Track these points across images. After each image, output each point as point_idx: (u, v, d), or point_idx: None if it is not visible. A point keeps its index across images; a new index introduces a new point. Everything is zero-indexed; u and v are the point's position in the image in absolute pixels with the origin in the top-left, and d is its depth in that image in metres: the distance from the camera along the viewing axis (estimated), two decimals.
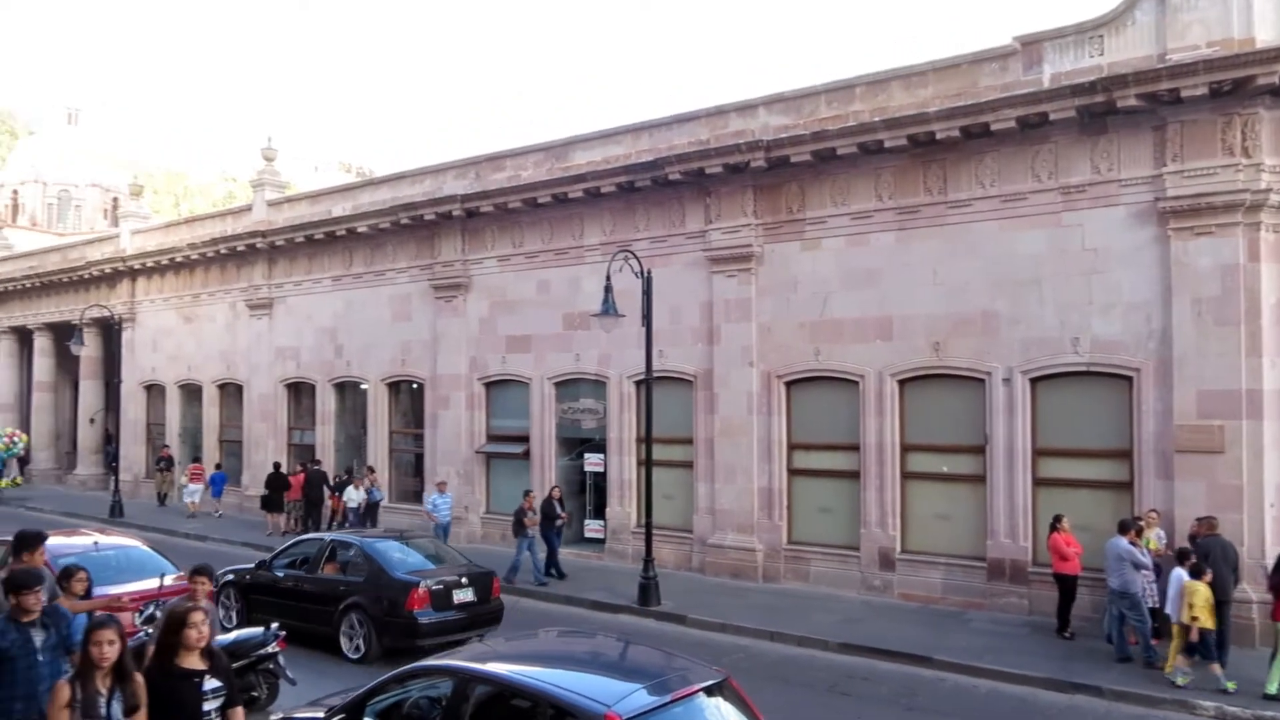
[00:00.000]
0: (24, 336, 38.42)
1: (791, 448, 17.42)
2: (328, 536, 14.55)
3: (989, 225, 15.14)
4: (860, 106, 16.12)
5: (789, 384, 17.34)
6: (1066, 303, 14.42)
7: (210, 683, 5.85)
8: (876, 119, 15.60)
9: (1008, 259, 14.93)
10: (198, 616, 5.79)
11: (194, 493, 27.03)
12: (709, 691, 6.08)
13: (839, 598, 15.97)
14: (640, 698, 5.70)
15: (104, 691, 5.35)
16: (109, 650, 5.35)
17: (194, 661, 5.77)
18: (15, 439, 33.50)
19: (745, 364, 17.61)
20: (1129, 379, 13.97)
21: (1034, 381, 14.80)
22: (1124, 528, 12.44)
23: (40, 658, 6.25)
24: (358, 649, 12.58)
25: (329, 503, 22.90)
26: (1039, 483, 14.78)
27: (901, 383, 16.06)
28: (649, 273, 15.94)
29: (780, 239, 17.36)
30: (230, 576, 14.23)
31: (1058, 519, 13.50)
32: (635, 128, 19.31)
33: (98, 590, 10.71)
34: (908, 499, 16.07)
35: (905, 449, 16.07)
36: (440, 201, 21.82)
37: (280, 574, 13.71)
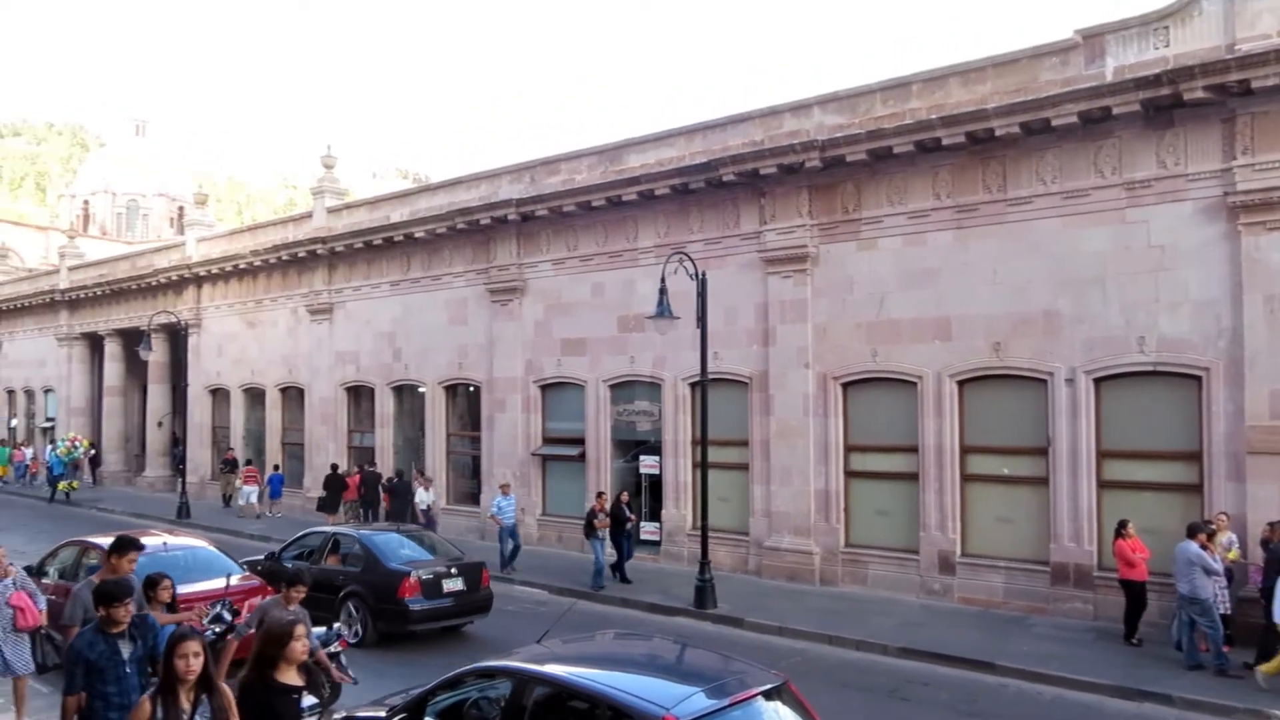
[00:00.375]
0: (95, 342, 39.55)
1: (848, 450, 17.26)
2: (331, 530, 15.76)
3: (1050, 223, 14.86)
4: (917, 104, 15.92)
5: (845, 385, 17.19)
6: (1131, 301, 14.08)
7: (307, 699, 5.80)
8: (934, 116, 15.40)
9: (1070, 257, 14.63)
10: (301, 630, 5.65)
11: (249, 494, 27.56)
12: (768, 695, 6.04)
13: (898, 601, 15.79)
14: (699, 701, 5.68)
15: (187, 707, 5.18)
16: (194, 663, 5.18)
17: (292, 676, 5.62)
18: (76, 444, 34.76)
19: (801, 365, 17.49)
20: (1198, 379, 13.60)
21: (1098, 382, 14.48)
22: (1193, 531, 12.10)
23: (128, 670, 6.17)
24: (356, 634, 13.32)
25: (383, 504, 23.26)
26: (1104, 485, 14.45)
27: (961, 384, 15.82)
28: (704, 274, 15.91)
29: (836, 239, 17.22)
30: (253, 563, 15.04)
31: (1123, 524, 13.17)
32: (689, 129, 19.30)
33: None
34: (968, 502, 15.82)
35: (965, 451, 15.83)
36: (495, 206, 22.02)
37: (288, 564, 14.09)
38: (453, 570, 13.92)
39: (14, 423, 44.18)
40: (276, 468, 28.94)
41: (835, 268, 17.21)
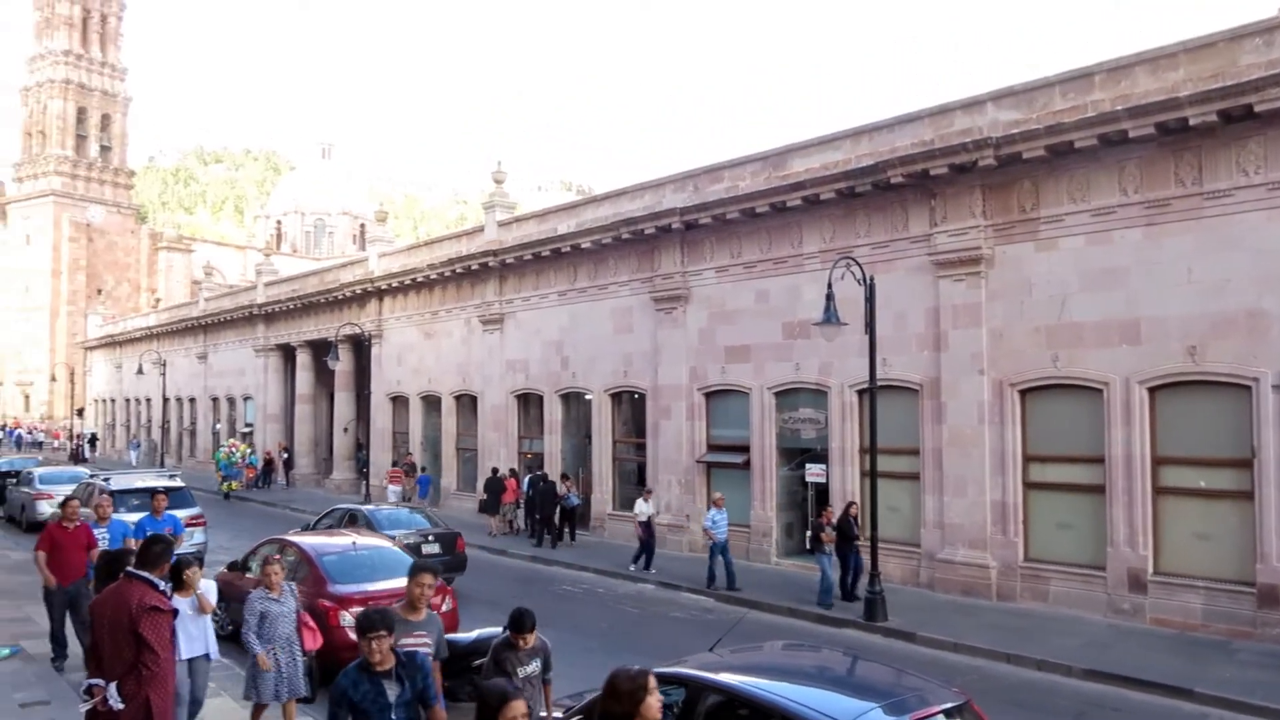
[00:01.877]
0: (288, 353, 42.32)
1: (1027, 459, 16.48)
2: (347, 506, 19.55)
3: (1254, 216, 13.77)
4: (1100, 95, 15.09)
5: (1023, 392, 16.44)
6: None
7: None
8: (1119, 108, 14.54)
9: (1277, 252, 13.51)
10: (653, 682, 4.66)
11: (394, 494, 29.13)
12: (949, 714, 5.82)
13: (1082, 620, 14.96)
14: (876, 716, 5.55)
15: None
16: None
17: None
18: (234, 450, 37.69)
19: (975, 371, 16.85)
20: None
21: None
22: None
23: (393, 716, 5.60)
24: None
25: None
26: None
27: (1151, 390, 14.86)
28: (871, 279, 15.57)
29: (1012, 240, 16.52)
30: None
31: None
32: (854, 132, 18.95)
33: (355, 588, 11.63)
34: (1160, 516, 14.83)
35: (1157, 462, 14.84)
36: (659, 215, 22.25)
37: None
38: (430, 537, 17.63)
39: (218, 427, 47.76)
40: (424, 469, 30.74)
41: (1011, 269, 16.50)
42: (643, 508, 20.34)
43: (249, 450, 39.99)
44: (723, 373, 21.61)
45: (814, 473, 19.79)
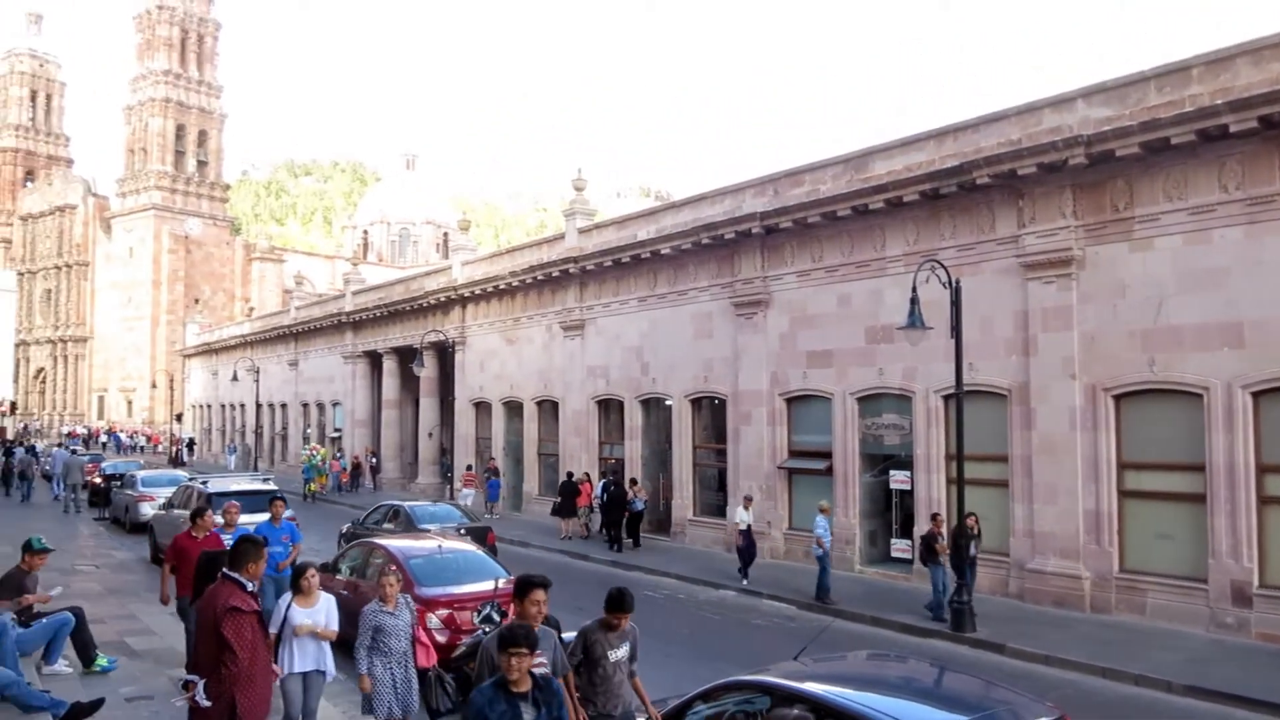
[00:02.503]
0: (374, 359, 43.28)
1: (1122, 467, 15.95)
2: (392, 503, 21.39)
3: None
4: (1198, 89, 14.54)
5: (1117, 398, 15.92)
6: None
7: None
8: (1219, 102, 14.00)
9: None
10: None
11: (467, 497, 29.86)
12: None
13: (1181, 634, 14.38)
14: None
15: None
16: None
17: None
18: (314, 453, 39.19)
19: (1066, 376, 16.38)
20: None
21: None
22: None
23: None
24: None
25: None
26: None
27: (1255, 395, 14.24)
28: (957, 282, 15.25)
29: (1104, 240, 16.02)
30: (344, 529, 21.76)
31: None
32: (938, 133, 18.62)
33: (441, 590, 11.81)
34: (1267, 527, 14.19)
35: (1261, 470, 14.22)
36: (740, 220, 22.16)
37: (364, 530, 19.67)
38: (461, 530, 18.57)
39: (308, 431, 49.10)
40: (496, 473, 31.34)
41: (1104, 271, 16.00)
42: (742, 515, 19.76)
43: (329, 453, 41.22)
44: (804, 378, 21.40)
45: (898, 480, 19.47)
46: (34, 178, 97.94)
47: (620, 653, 7.04)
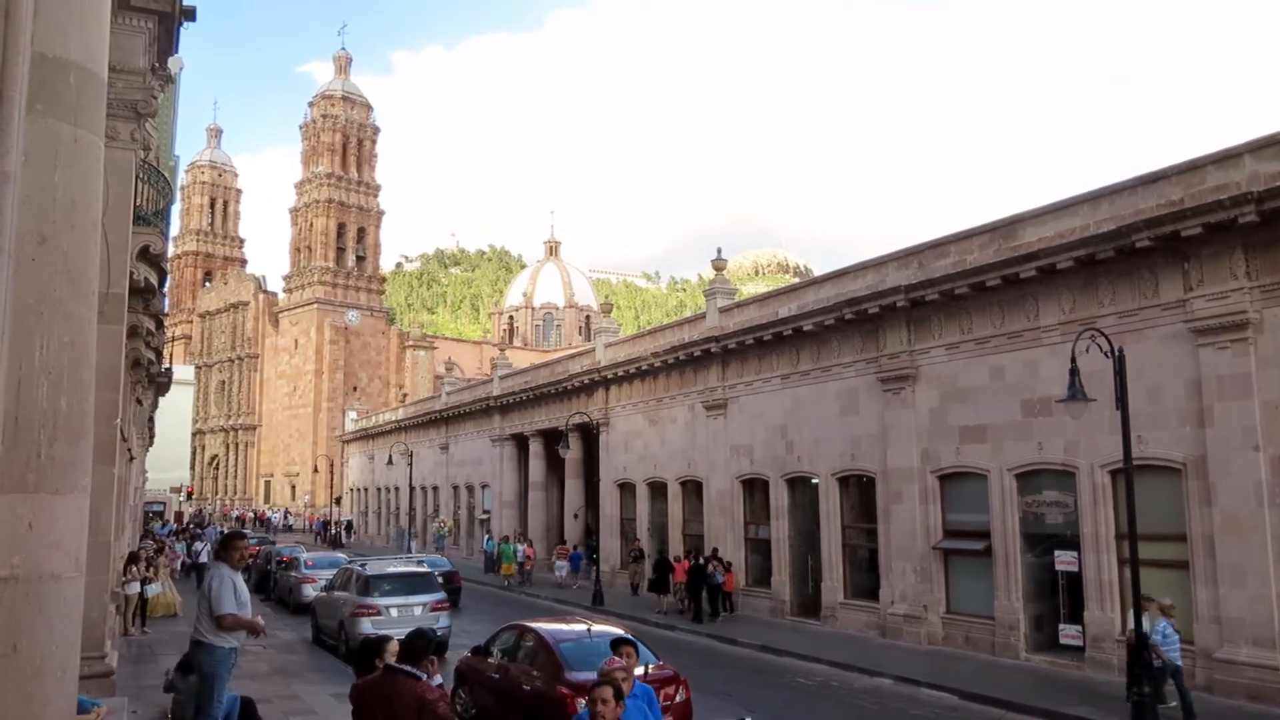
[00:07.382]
0: (521, 442, 44.19)
1: None
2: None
3: None
4: None
5: None
6: None
7: None
8: None
9: None
10: None
11: (562, 569, 33.35)
12: None
13: None
14: None
15: None
16: None
17: None
18: (442, 525, 41.62)
19: (1248, 448, 15.24)
20: None
21: None
22: None
23: None
24: None
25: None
26: None
27: None
28: (1120, 351, 14.48)
29: None
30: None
31: None
32: (1092, 196, 17.96)
33: (591, 675, 11.70)
34: None
35: None
36: (884, 294, 21.80)
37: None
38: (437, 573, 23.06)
39: (459, 514, 50.28)
40: (577, 547, 34.93)
41: None
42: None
43: (450, 525, 47.59)
44: (957, 454, 20.63)
45: (1064, 560, 18.36)
46: (211, 278, 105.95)
47: None
